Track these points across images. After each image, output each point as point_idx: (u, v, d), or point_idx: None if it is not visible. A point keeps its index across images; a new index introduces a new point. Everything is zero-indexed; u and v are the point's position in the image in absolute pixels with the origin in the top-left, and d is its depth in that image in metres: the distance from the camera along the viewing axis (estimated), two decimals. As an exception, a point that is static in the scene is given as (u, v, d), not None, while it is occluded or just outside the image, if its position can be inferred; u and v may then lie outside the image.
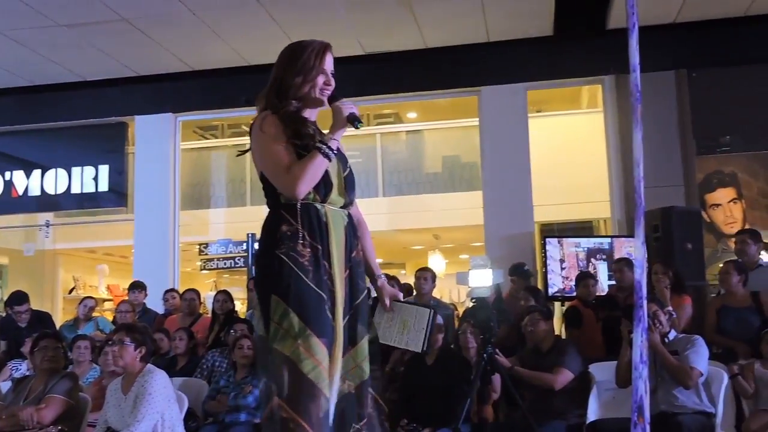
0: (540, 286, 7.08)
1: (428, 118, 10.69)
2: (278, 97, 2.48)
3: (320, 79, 2.49)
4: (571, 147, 9.07)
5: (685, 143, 7.42)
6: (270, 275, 2.33)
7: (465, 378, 4.82)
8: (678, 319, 5.12)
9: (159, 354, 5.93)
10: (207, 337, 6.56)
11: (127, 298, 7.40)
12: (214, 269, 9.18)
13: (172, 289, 7.52)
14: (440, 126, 10.26)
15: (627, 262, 5.97)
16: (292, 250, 2.32)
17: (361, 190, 2.68)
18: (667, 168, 7.23)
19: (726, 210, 7.44)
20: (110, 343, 4.35)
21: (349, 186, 2.53)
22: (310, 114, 2.55)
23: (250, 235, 8.39)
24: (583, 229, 9.23)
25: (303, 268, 2.31)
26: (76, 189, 8.90)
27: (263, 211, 2.47)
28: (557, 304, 7.28)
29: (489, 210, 7.78)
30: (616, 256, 6.76)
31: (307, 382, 2.22)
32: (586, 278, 6.23)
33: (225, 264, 8.80)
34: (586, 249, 7.07)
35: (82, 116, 8.79)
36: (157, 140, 8.65)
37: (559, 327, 6.92)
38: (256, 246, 8.35)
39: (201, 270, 9.41)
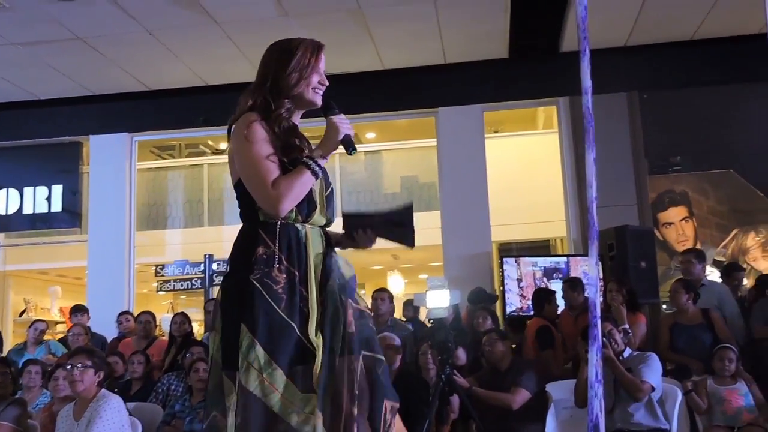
0: (498, 305, 7.12)
1: (386, 139, 10.73)
2: (270, 95, 2.32)
3: (315, 78, 2.38)
4: (528, 167, 9.20)
5: (638, 163, 7.57)
6: (241, 302, 2.18)
7: (423, 398, 4.79)
8: (633, 336, 5.19)
9: (113, 378, 5.79)
10: (162, 361, 6.43)
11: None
12: (170, 291, 9.03)
13: (126, 312, 7.38)
14: (398, 146, 10.32)
15: (572, 284, 6.01)
16: (266, 276, 2.18)
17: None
18: (621, 188, 7.35)
19: (678, 228, 7.60)
20: (67, 367, 4.23)
21: (330, 205, 2.40)
22: (297, 117, 2.42)
23: (207, 256, 8.29)
24: (540, 248, 9.33)
25: (276, 297, 2.17)
26: (28, 209, 8.72)
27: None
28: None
29: (447, 230, 7.82)
30: (572, 275, 6.83)
31: (271, 416, 2.13)
32: (550, 295, 6.23)
33: (182, 285, 8.67)
34: (543, 268, 7.13)
35: (36, 135, 8.63)
36: (112, 160, 8.52)
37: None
38: (215, 267, 8.32)
39: (157, 291, 9.26)
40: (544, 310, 6.15)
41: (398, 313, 7.43)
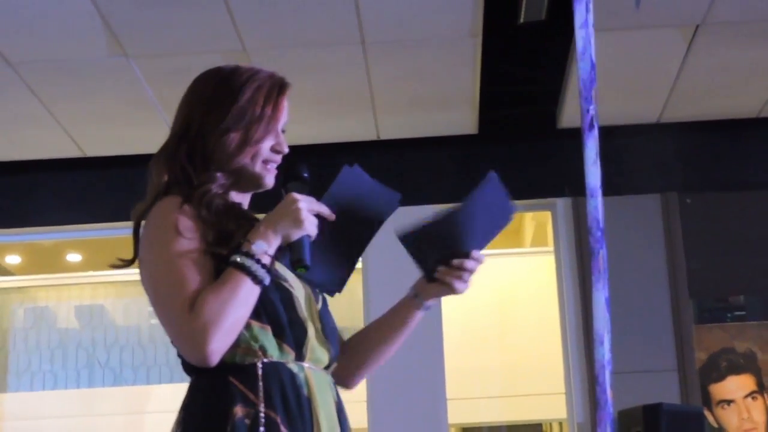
0: None
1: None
2: (192, 164, 2.20)
3: (267, 143, 2.24)
4: (507, 307, 9.23)
5: (678, 304, 7.65)
6: None
7: None
8: None
9: None
10: None
11: None
12: None
13: None
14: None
15: None
16: None
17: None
18: (652, 343, 7.39)
19: (742, 409, 7.63)
20: None
21: (328, 328, 2.30)
22: (242, 198, 2.32)
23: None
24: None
25: None
26: None
27: None
28: None
29: (376, 407, 7.64)
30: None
31: None
32: None
33: None
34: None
35: None
36: None
37: None
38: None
39: None
40: None
41: None
